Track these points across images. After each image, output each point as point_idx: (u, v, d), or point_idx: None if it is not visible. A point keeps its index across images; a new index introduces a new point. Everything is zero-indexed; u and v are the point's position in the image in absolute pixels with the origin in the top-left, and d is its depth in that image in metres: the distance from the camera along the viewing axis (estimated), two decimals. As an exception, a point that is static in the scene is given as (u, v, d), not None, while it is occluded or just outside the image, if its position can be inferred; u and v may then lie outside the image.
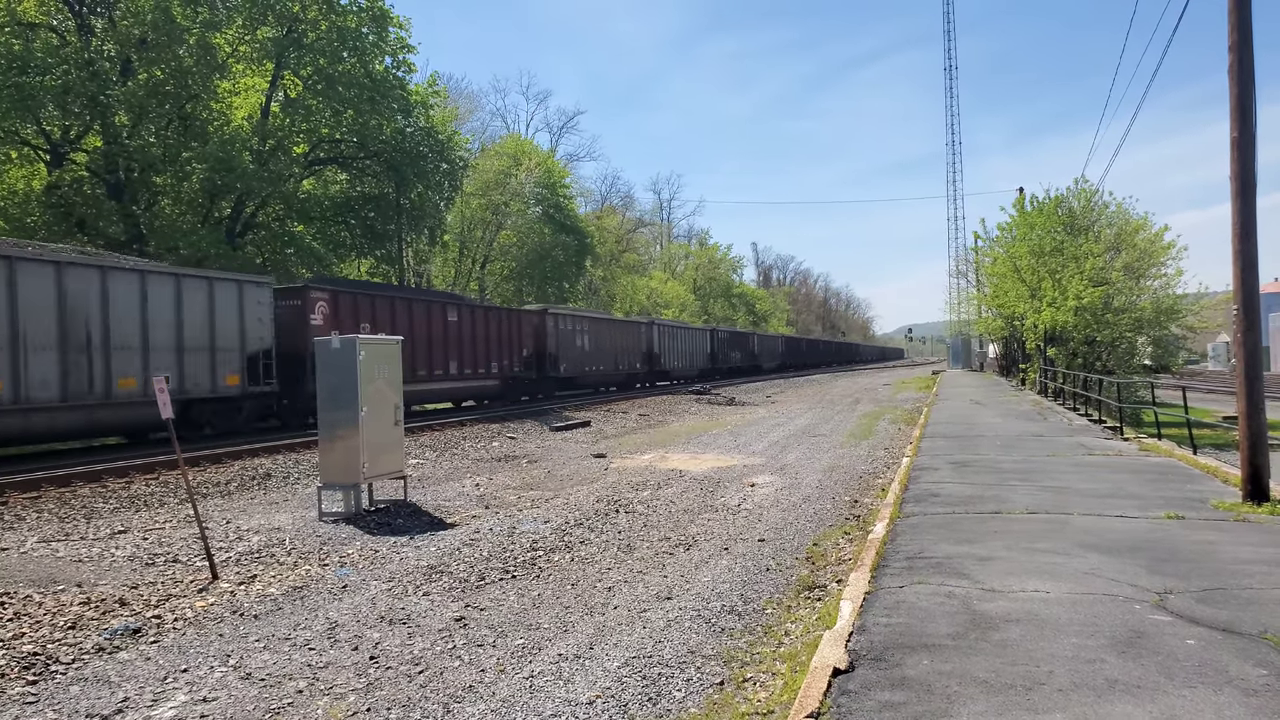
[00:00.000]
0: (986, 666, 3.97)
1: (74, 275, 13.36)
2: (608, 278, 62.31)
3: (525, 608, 5.81)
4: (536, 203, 46.99)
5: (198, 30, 23.74)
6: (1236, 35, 7.97)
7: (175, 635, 5.32)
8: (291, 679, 4.56)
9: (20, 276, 12.60)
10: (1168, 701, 3.53)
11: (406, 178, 29.34)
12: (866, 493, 10.30)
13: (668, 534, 8.08)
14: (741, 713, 4.03)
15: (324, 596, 6.14)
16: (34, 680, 4.59)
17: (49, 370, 12.95)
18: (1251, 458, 7.88)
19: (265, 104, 27.77)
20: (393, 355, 9.58)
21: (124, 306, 14.05)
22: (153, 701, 4.30)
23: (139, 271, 14.54)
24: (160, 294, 14.68)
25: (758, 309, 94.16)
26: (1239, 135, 7.96)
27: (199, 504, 9.47)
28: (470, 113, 56.99)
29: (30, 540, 8.03)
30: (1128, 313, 26.24)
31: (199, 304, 15.41)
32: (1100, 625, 4.52)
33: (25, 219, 22.87)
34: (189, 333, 15.18)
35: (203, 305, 15.49)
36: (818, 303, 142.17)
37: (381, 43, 28.52)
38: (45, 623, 5.52)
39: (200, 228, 24.98)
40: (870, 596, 5.21)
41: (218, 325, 15.74)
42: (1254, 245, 7.99)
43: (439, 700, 4.24)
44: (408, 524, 8.75)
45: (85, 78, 21.68)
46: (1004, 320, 35.81)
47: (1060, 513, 7.67)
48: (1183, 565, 5.73)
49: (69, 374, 13.22)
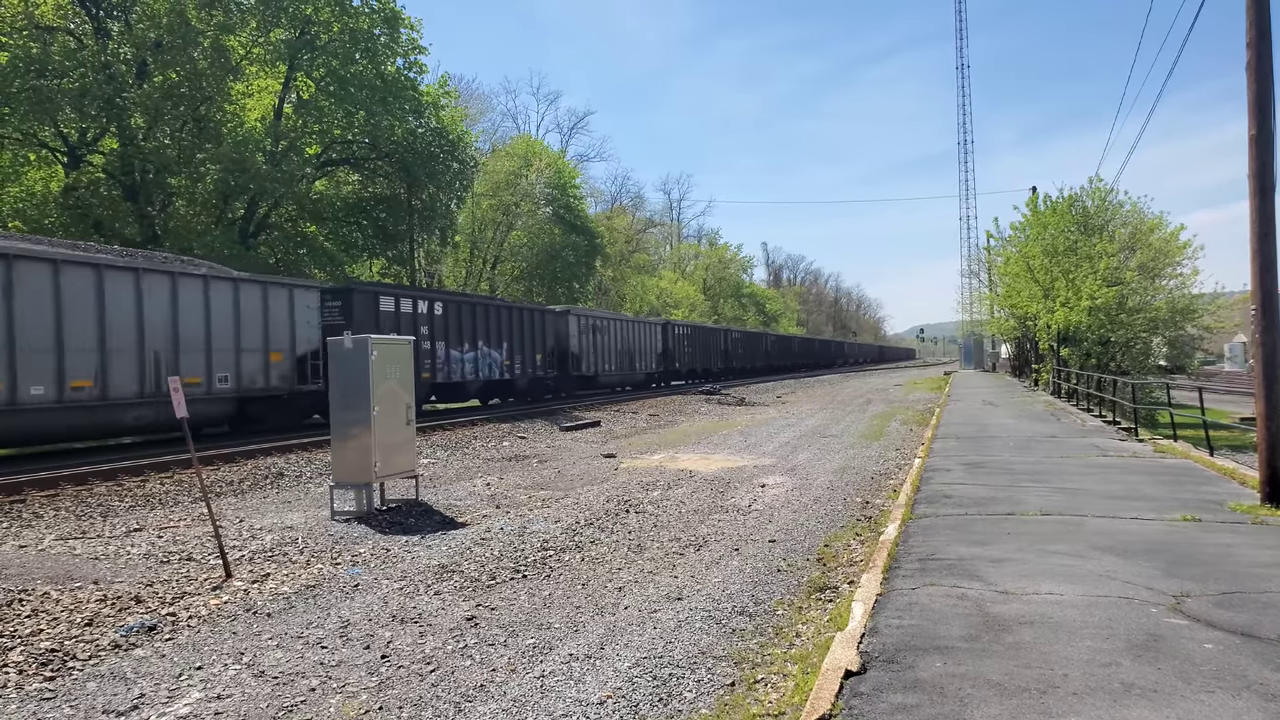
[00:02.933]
0: (1000, 669, 3.94)
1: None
2: (618, 278, 62.34)
3: (536, 607, 5.82)
4: (547, 203, 47.05)
5: (212, 33, 23.95)
6: (1255, 31, 7.88)
7: (190, 633, 5.36)
8: (304, 677, 4.59)
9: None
10: (1185, 706, 3.49)
11: (418, 178, 29.47)
12: (878, 494, 10.25)
13: (678, 534, 8.07)
14: (753, 714, 4.02)
15: (336, 595, 6.17)
16: (51, 677, 4.64)
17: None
18: (1270, 459, 7.79)
19: (278, 105, 27.97)
20: (404, 355, 9.62)
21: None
22: (168, 698, 4.34)
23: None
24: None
25: (768, 309, 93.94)
26: (1257, 133, 7.87)
27: (212, 503, 9.54)
28: (481, 113, 57.28)
29: (48, 538, 8.12)
30: (1142, 313, 26.02)
31: (254, 307, 16.23)
32: (1116, 628, 4.47)
33: (43, 220, 23.15)
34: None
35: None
36: (828, 302, 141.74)
37: (393, 44, 28.67)
38: (63, 619, 5.57)
39: (214, 228, 25.21)
40: (882, 598, 5.18)
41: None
42: (1272, 245, 7.89)
43: (450, 699, 4.25)
44: (419, 523, 8.78)
45: (101, 80, 21.91)
46: (1016, 320, 35.59)
47: (1074, 514, 7.61)
48: (1200, 568, 5.67)
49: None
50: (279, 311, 16.69)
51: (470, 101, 53.80)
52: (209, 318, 15.16)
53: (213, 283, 15.36)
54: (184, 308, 14.67)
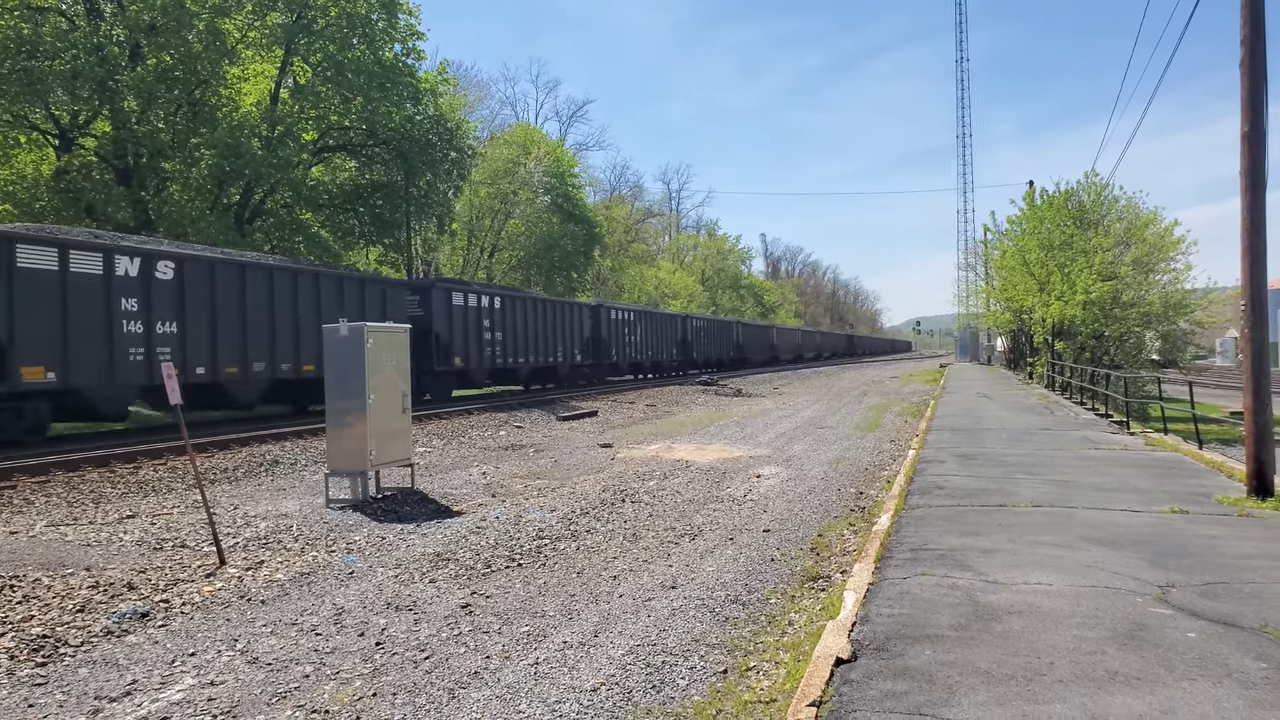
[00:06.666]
0: (988, 657, 3.99)
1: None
2: (616, 268, 62.19)
3: (531, 595, 5.85)
4: (545, 192, 46.83)
5: (207, 16, 23.70)
6: (1249, 29, 7.90)
7: (183, 619, 5.38)
8: (298, 664, 4.61)
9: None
10: (1167, 693, 3.55)
11: (415, 166, 29.27)
12: (872, 484, 10.31)
13: (673, 524, 8.11)
14: (745, 701, 4.07)
15: (331, 583, 6.20)
16: (43, 662, 4.66)
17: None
18: (1257, 453, 7.86)
19: (274, 90, 27.74)
20: (400, 343, 9.62)
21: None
22: (160, 684, 4.36)
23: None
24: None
25: (766, 300, 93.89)
26: (1250, 130, 7.89)
27: (207, 490, 9.55)
28: (480, 101, 56.94)
29: (39, 524, 8.12)
30: (1136, 307, 26.09)
31: (354, 300, 18.49)
32: (1102, 618, 4.53)
33: (34, 203, 22.95)
34: None
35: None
36: (826, 295, 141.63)
37: (391, 29, 28.41)
38: (54, 606, 5.59)
39: (209, 214, 25.02)
40: (874, 587, 5.23)
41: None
42: (1263, 240, 7.94)
43: (444, 686, 4.29)
44: (414, 511, 8.81)
45: (94, 62, 21.67)
46: (1012, 314, 35.65)
47: (1065, 506, 7.67)
48: (1186, 559, 5.74)
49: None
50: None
51: (469, 89, 53.50)
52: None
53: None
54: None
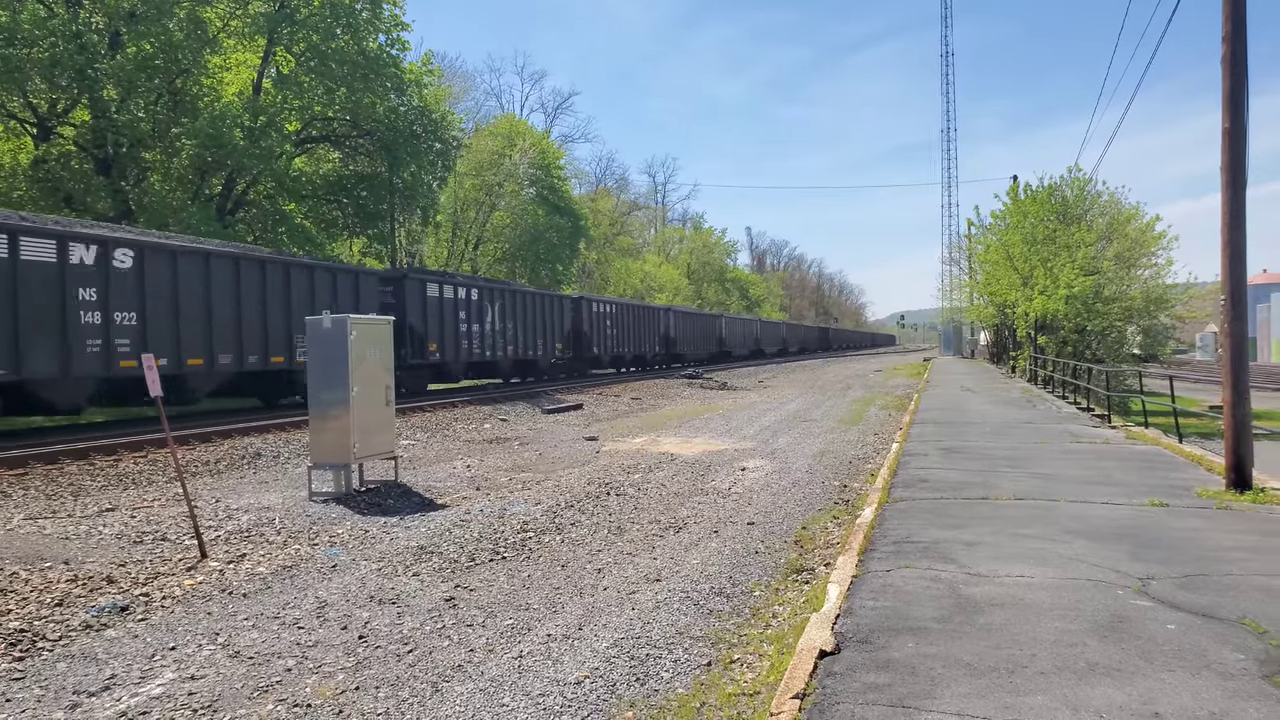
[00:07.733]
0: (970, 649, 4.02)
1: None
2: (602, 261, 62.07)
3: (515, 588, 5.84)
4: (530, 184, 46.59)
5: (188, 4, 23.36)
6: (1230, 26, 7.96)
7: (163, 613, 5.32)
8: (280, 657, 4.58)
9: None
10: (1146, 684, 3.59)
11: (399, 157, 29.03)
12: (856, 477, 10.37)
13: (658, 517, 8.12)
14: (728, 693, 4.07)
15: (313, 576, 6.15)
16: (20, 657, 4.59)
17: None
18: (1235, 446, 7.96)
19: (257, 80, 27.40)
20: (384, 336, 9.54)
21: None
22: (140, 679, 4.31)
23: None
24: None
25: (751, 294, 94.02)
26: (1230, 126, 7.96)
27: (188, 483, 9.44)
28: (465, 92, 56.46)
29: (17, 517, 8.00)
30: (1118, 302, 26.37)
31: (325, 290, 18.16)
32: (1083, 610, 4.57)
33: (12, 193, 22.58)
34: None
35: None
36: (811, 288, 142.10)
37: (375, 20, 28.11)
38: (32, 600, 5.51)
39: (190, 204, 24.70)
40: (857, 580, 5.26)
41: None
42: (1243, 236, 8.02)
43: (428, 679, 4.27)
44: (398, 504, 8.76)
45: (73, 50, 21.30)
46: (995, 308, 35.93)
47: (1047, 499, 7.74)
48: (1166, 552, 5.80)
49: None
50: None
51: (454, 80, 53.05)
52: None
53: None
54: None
